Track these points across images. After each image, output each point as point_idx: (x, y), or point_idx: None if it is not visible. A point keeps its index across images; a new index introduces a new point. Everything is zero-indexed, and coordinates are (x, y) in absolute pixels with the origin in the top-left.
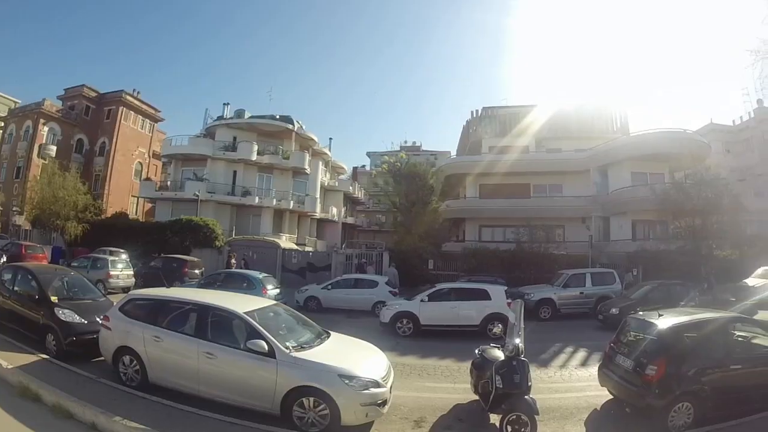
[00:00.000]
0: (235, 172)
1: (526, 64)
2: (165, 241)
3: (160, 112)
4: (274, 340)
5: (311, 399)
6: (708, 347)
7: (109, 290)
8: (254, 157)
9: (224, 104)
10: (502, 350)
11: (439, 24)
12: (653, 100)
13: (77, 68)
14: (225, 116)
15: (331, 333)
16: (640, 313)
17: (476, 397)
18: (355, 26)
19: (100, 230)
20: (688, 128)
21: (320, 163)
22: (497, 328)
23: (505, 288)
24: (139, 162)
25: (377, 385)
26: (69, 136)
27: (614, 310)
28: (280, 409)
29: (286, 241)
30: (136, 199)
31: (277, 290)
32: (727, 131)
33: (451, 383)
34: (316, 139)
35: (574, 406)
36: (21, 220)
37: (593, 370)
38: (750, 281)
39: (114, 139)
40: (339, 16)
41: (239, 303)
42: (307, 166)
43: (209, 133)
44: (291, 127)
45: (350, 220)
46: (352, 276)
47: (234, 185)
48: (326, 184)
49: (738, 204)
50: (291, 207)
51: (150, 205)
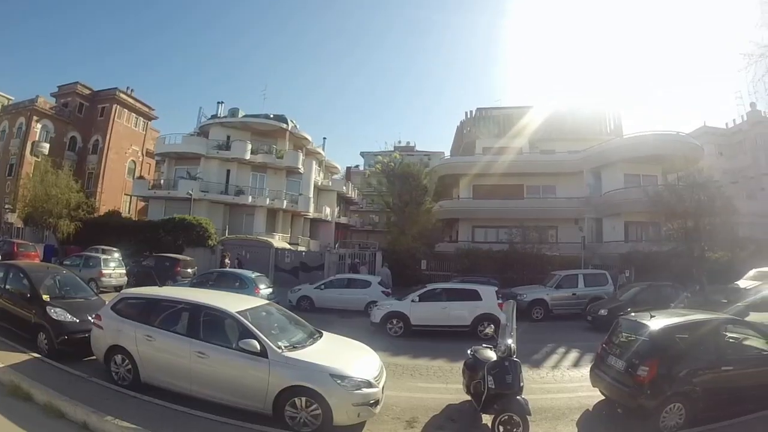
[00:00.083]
0: (228, 171)
1: (521, 65)
2: (158, 240)
3: (153, 110)
4: (266, 339)
5: (303, 399)
6: (700, 348)
7: (101, 289)
8: (248, 156)
9: (218, 103)
10: (495, 351)
11: (434, 24)
12: (652, 100)
13: (71, 66)
14: (219, 115)
15: (324, 333)
16: (632, 314)
17: (468, 398)
18: (349, 25)
19: (92, 229)
20: (681, 130)
21: (314, 162)
22: (489, 329)
23: (496, 288)
24: (133, 160)
25: (369, 385)
26: (62, 134)
27: (603, 312)
28: (273, 409)
29: (279, 241)
30: (129, 197)
31: (270, 290)
32: (720, 134)
33: (443, 383)
34: (309, 138)
35: (566, 407)
36: (13, 218)
37: (585, 370)
38: (742, 283)
39: (107, 137)
40: (332, 15)
41: (231, 302)
42: (300, 166)
43: (203, 131)
44: (285, 126)
45: (343, 219)
46: (345, 276)
47: (227, 184)
48: (320, 183)
49: (730, 206)
50: (284, 206)
51: (143, 204)
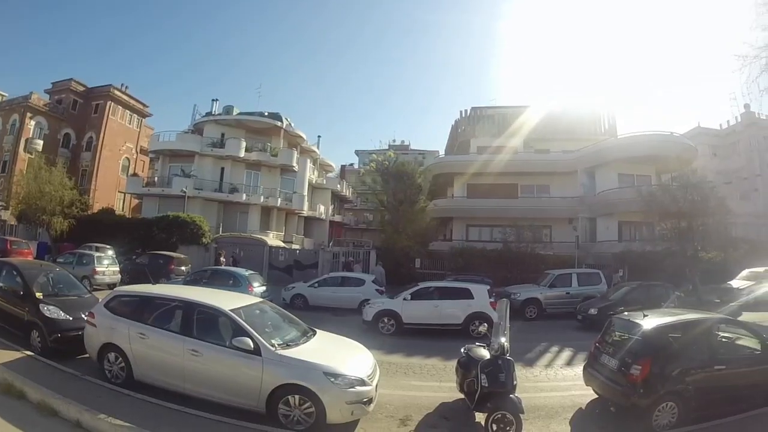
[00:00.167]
0: (222, 168)
1: (517, 64)
2: (151, 238)
3: (148, 107)
4: (259, 337)
5: (297, 397)
6: (692, 348)
7: (94, 287)
8: (242, 153)
9: (213, 100)
10: (488, 349)
11: (429, 24)
12: (653, 100)
13: (65, 63)
14: (213, 112)
15: (317, 331)
16: (626, 313)
17: (462, 396)
18: (345, 23)
19: (86, 226)
20: (676, 131)
21: (308, 160)
22: (482, 327)
23: (488, 287)
24: (127, 157)
25: (363, 383)
26: (56, 131)
27: (593, 311)
28: (266, 407)
29: (273, 239)
30: (122, 194)
31: (264, 288)
32: (714, 135)
33: (437, 382)
34: (304, 136)
35: (559, 405)
36: (6, 215)
37: (578, 369)
38: (735, 283)
39: (101, 134)
40: (328, 13)
41: (225, 300)
42: (295, 164)
43: (197, 129)
44: (279, 124)
45: (338, 218)
46: (339, 274)
47: (221, 182)
48: (314, 181)
49: (724, 207)
50: (278, 204)
51: (137, 201)
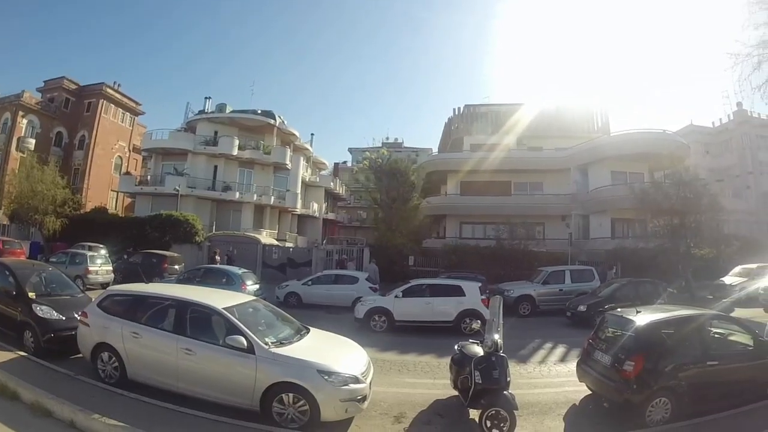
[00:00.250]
0: (215, 166)
1: (511, 62)
2: (144, 237)
3: (140, 105)
4: (253, 336)
5: (291, 395)
6: (685, 344)
7: (87, 286)
8: (235, 151)
9: (206, 98)
10: (481, 346)
11: (423, 22)
12: (650, 100)
13: (57, 61)
14: (206, 110)
15: (311, 329)
16: (618, 309)
17: (456, 393)
18: (338, 21)
19: (78, 225)
20: (669, 129)
21: (301, 158)
22: (475, 324)
23: (480, 285)
24: (119, 156)
25: (357, 380)
26: (48, 129)
27: (582, 308)
28: (260, 406)
29: (266, 237)
30: (115, 193)
31: (257, 286)
32: (706, 133)
33: (430, 379)
34: (297, 134)
35: (552, 402)
36: None
37: (572, 365)
38: (727, 279)
39: (94, 133)
40: (322, 11)
41: (218, 299)
42: (288, 162)
43: (190, 127)
44: (272, 122)
45: (331, 216)
46: (332, 272)
47: (215, 180)
48: (307, 179)
49: (716, 204)
50: (272, 202)
51: (130, 200)
